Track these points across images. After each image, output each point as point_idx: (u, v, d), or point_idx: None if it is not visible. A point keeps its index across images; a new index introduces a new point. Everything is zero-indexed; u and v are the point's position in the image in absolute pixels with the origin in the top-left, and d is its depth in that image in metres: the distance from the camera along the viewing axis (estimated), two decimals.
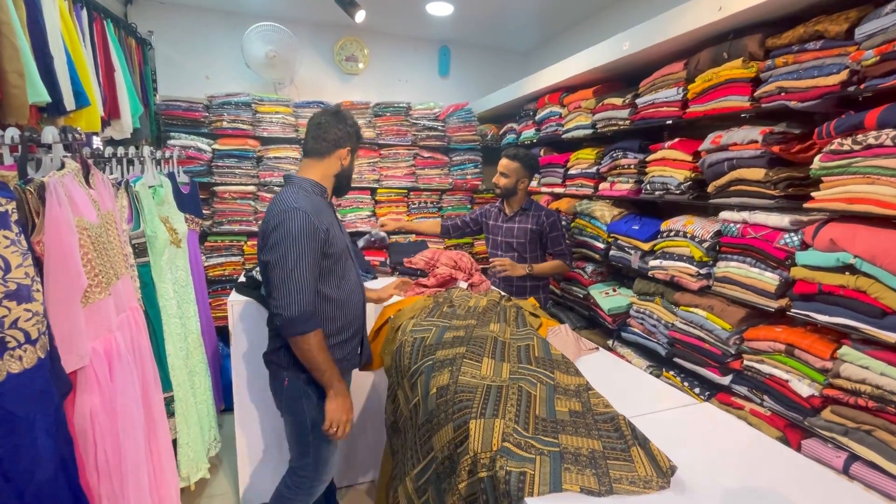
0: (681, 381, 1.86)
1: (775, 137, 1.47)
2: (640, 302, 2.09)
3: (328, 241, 1.33)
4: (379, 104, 3.27)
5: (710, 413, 1.18)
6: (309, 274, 1.28)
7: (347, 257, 1.48)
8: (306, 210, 1.28)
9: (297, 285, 1.26)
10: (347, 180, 1.52)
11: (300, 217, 1.27)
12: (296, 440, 1.45)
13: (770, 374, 1.49)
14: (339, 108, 1.49)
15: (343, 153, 1.44)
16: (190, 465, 1.92)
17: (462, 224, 2.56)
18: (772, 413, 1.50)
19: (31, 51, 1.43)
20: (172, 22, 3.04)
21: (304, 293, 1.26)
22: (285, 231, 1.26)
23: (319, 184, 1.43)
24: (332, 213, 1.49)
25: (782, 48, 1.45)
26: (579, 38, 3.23)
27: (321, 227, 1.31)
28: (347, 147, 1.45)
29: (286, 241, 1.26)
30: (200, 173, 2.86)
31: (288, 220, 1.27)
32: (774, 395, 1.48)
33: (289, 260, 1.25)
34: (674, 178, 1.88)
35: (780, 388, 1.46)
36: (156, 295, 1.80)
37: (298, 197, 1.32)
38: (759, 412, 1.53)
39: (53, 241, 1.10)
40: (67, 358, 1.14)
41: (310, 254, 1.28)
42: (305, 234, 1.27)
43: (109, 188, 1.52)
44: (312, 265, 1.29)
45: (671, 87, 1.88)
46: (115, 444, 1.25)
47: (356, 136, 1.48)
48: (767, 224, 1.50)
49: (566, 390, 1.17)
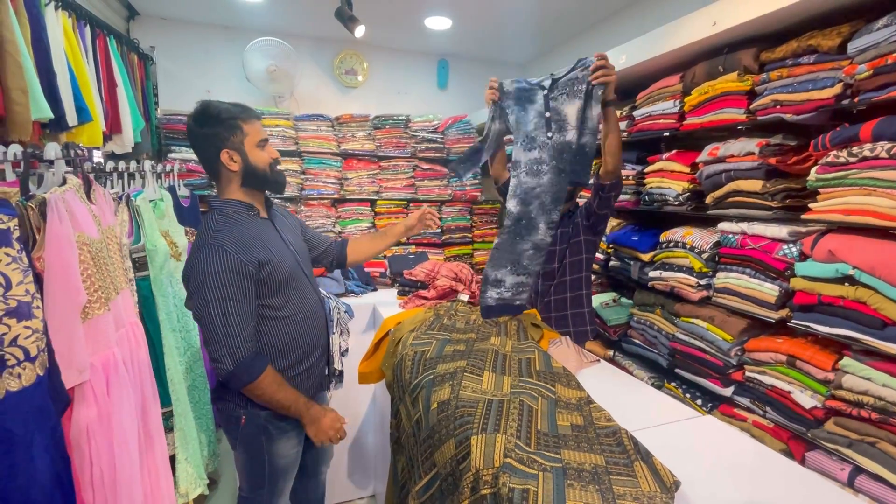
0: (682, 392, 1.85)
1: (772, 149, 1.48)
2: (640, 313, 2.09)
3: (264, 271, 1.17)
4: (378, 117, 3.30)
5: (712, 426, 1.18)
6: (241, 317, 1.13)
7: (300, 277, 1.30)
8: (223, 245, 1.12)
9: (230, 334, 1.12)
10: (257, 177, 1.22)
11: (217, 255, 1.11)
12: (249, 474, 1.32)
13: (772, 386, 1.48)
14: (199, 106, 1.19)
15: (225, 158, 1.18)
16: (189, 480, 1.90)
17: None
18: (775, 425, 1.49)
19: (34, 68, 1.45)
20: (174, 37, 3.08)
21: (239, 339, 1.13)
22: (202, 275, 1.11)
23: (240, 202, 1.22)
24: (271, 229, 1.28)
25: (776, 62, 1.47)
26: (576, 50, 3.27)
27: (249, 260, 1.14)
28: (224, 150, 1.18)
29: (205, 286, 1.10)
30: (201, 186, 2.87)
31: (203, 261, 1.11)
32: (777, 407, 1.48)
33: (214, 307, 1.11)
34: (672, 189, 1.89)
35: (782, 400, 1.45)
36: (155, 309, 1.79)
37: (218, 228, 1.16)
38: (762, 424, 1.52)
39: (54, 257, 1.10)
40: (67, 373, 1.14)
41: (238, 295, 1.12)
42: (227, 274, 1.11)
43: (110, 203, 1.53)
44: (243, 305, 1.14)
45: (668, 99, 1.91)
46: (110, 459, 1.24)
47: (227, 128, 1.17)
48: (766, 235, 1.50)
49: (567, 404, 1.16)
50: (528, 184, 1.49)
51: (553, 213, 1.49)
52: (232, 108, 1.20)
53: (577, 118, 1.43)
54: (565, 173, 1.46)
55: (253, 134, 1.21)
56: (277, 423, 1.28)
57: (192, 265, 1.15)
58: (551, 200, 1.48)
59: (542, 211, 1.48)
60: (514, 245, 1.52)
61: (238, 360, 1.14)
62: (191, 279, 1.15)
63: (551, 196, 1.48)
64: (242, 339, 1.14)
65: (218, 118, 1.18)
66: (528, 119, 1.53)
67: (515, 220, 1.49)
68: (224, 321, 1.12)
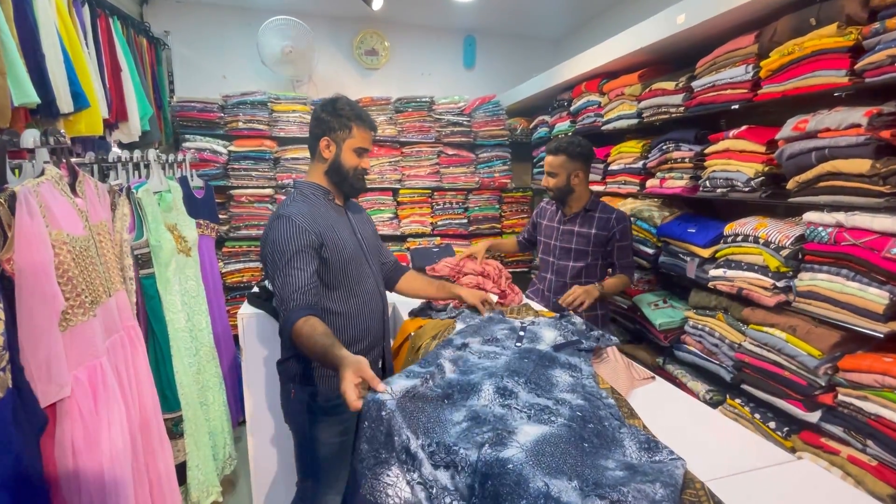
0: (750, 412, 1.58)
1: (884, 119, 1.17)
2: (697, 317, 1.81)
3: (326, 249, 1.25)
4: (400, 99, 3.09)
5: (807, 469, 0.92)
6: (298, 280, 1.18)
7: (361, 264, 1.35)
8: (291, 215, 1.23)
9: (287, 295, 1.17)
10: (339, 175, 1.33)
11: (283, 223, 1.22)
12: (298, 456, 1.40)
13: (876, 415, 1.20)
14: (334, 96, 1.33)
15: (323, 144, 1.31)
16: (200, 488, 1.80)
17: (529, 234, 2.15)
18: (878, 463, 1.21)
19: (18, 48, 1.31)
20: (189, 21, 2.95)
21: (292, 298, 1.16)
22: (271, 242, 1.22)
23: (319, 185, 1.34)
24: (343, 216, 1.37)
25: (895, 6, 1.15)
26: (618, 19, 2.93)
27: (312, 230, 1.23)
28: (325, 136, 1.30)
29: (273, 251, 1.22)
30: (216, 176, 2.76)
31: (272, 229, 1.24)
32: (883, 441, 1.20)
33: (278, 270, 1.20)
34: (742, 172, 1.59)
35: (891, 434, 1.17)
36: (161, 308, 1.68)
37: (292, 203, 1.28)
38: (861, 460, 1.24)
39: (24, 258, 0.97)
40: (46, 388, 1.02)
41: (298, 258, 1.20)
42: (291, 239, 1.21)
43: (104, 195, 1.39)
44: (303, 269, 1.20)
45: (738, 65, 1.60)
46: (99, 482, 1.11)
47: (339, 121, 1.29)
48: (873, 228, 1.21)
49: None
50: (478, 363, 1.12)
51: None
52: (355, 109, 1.32)
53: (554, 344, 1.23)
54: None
55: (358, 139, 1.32)
56: (321, 404, 1.30)
57: (265, 234, 1.27)
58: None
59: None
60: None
61: (295, 305, 1.16)
62: (263, 246, 1.28)
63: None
64: (295, 298, 1.16)
65: (338, 111, 1.29)
66: (495, 328, 1.31)
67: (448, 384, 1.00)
68: (283, 282, 1.18)
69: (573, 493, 0.71)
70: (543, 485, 0.71)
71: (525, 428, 0.86)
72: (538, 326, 1.35)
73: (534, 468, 0.74)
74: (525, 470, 0.74)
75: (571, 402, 0.96)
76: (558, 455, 0.79)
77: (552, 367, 1.10)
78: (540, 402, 0.95)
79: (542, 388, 1.00)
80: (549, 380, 1.04)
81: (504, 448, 0.79)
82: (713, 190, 1.74)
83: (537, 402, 0.95)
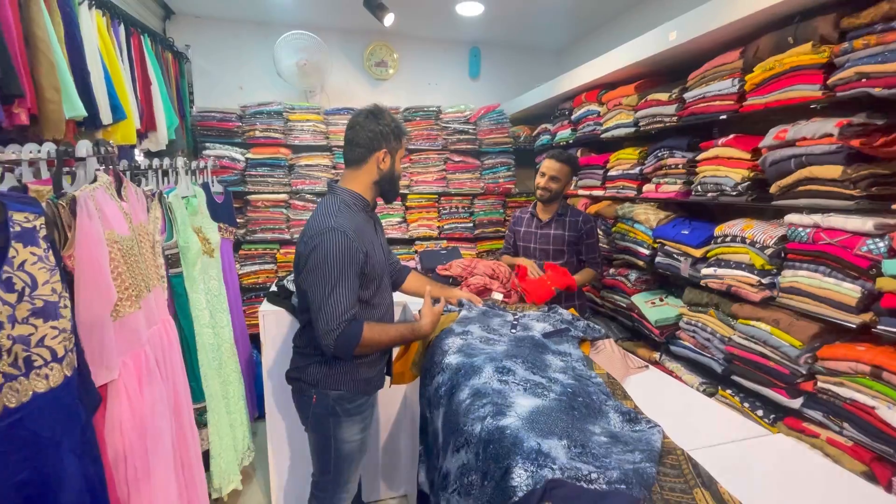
0: (740, 401, 1.69)
1: (854, 129, 1.29)
2: (691, 313, 1.92)
3: (366, 263, 1.27)
4: (409, 108, 3.23)
5: (781, 444, 1.03)
6: (346, 298, 1.22)
7: (384, 272, 1.42)
8: (345, 230, 1.22)
9: (338, 307, 1.21)
10: (392, 184, 1.39)
11: (339, 238, 1.21)
12: (318, 456, 1.43)
13: (851, 399, 1.30)
14: (375, 107, 1.34)
15: (380, 156, 1.32)
16: (222, 476, 1.91)
17: (513, 245, 2.32)
18: (854, 444, 1.32)
19: (68, 66, 1.45)
20: (208, 35, 3.12)
21: (341, 318, 1.21)
22: (323, 255, 1.20)
23: (362, 196, 1.34)
24: (375, 229, 1.41)
25: (862, 28, 1.27)
26: (618, 32, 3.06)
27: (361, 248, 1.25)
28: (384, 149, 1.32)
29: (326, 265, 1.21)
30: (234, 182, 2.90)
31: (326, 241, 1.21)
32: (857, 424, 1.30)
33: (327, 284, 1.21)
34: (729, 177, 1.71)
35: (864, 416, 1.27)
36: (188, 305, 1.80)
37: (339, 213, 1.26)
38: (838, 441, 1.35)
39: (84, 255, 1.09)
40: (97, 371, 1.13)
41: (350, 277, 1.23)
42: (345, 256, 1.21)
43: (142, 200, 1.53)
44: (352, 288, 1.24)
45: (725, 78, 1.72)
46: (143, 459, 1.23)
47: (394, 133, 1.33)
48: (846, 228, 1.32)
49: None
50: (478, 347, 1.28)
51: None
52: (399, 122, 1.36)
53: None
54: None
55: (402, 151, 1.39)
56: (345, 406, 1.34)
57: (313, 244, 1.22)
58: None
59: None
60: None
61: (337, 336, 1.20)
62: (311, 256, 1.22)
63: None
64: (343, 319, 1.21)
65: (390, 124, 1.32)
66: (492, 321, 1.47)
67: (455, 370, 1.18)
68: (334, 299, 1.20)
69: (561, 450, 0.84)
70: (536, 444, 0.83)
71: (521, 401, 0.98)
72: (529, 318, 1.47)
73: (528, 432, 0.87)
74: (520, 433, 0.86)
75: (563, 381, 1.08)
76: (550, 422, 0.91)
77: (545, 353, 1.23)
78: (535, 379, 1.07)
79: (538, 368, 1.13)
80: (544, 362, 1.17)
81: (503, 417, 0.92)
82: (704, 194, 1.85)
83: (533, 378, 1.08)
